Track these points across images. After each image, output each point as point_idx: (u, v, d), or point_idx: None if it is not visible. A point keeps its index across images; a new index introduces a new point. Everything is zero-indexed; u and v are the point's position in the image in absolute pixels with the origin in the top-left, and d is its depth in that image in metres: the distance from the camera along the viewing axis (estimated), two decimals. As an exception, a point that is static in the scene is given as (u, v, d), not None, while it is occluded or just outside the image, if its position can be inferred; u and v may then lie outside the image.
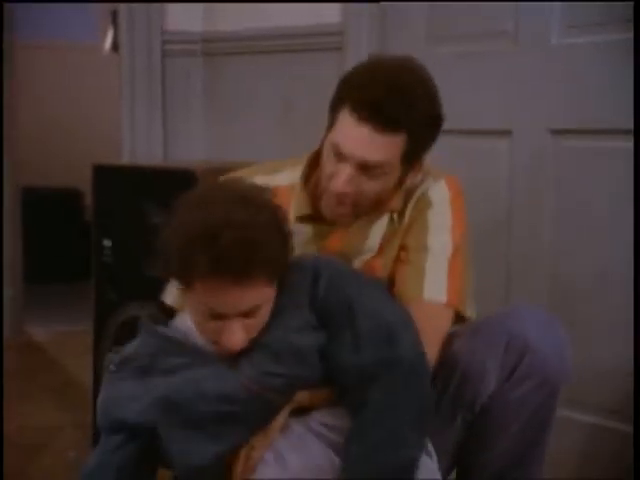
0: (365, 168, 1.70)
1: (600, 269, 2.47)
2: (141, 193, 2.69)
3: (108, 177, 2.82)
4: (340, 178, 1.71)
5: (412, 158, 1.75)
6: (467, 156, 2.69)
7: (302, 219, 1.84)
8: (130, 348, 1.65)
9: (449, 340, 1.76)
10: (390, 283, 1.81)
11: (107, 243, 2.80)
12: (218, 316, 1.48)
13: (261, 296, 1.50)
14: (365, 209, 1.80)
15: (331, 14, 2.99)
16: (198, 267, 1.43)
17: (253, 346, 1.54)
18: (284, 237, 1.52)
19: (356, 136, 1.68)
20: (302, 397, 1.57)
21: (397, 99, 1.65)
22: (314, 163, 1.87)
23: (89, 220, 3.01)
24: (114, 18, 5.76)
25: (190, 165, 2.78)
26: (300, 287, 1.57)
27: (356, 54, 2.91)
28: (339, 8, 2.98)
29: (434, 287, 1.77)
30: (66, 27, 6.04)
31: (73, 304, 4.66)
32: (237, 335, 1.50)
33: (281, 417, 1.56)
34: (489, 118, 2.68)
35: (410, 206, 1.85)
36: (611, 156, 2.41)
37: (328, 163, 1.76)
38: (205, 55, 3.36)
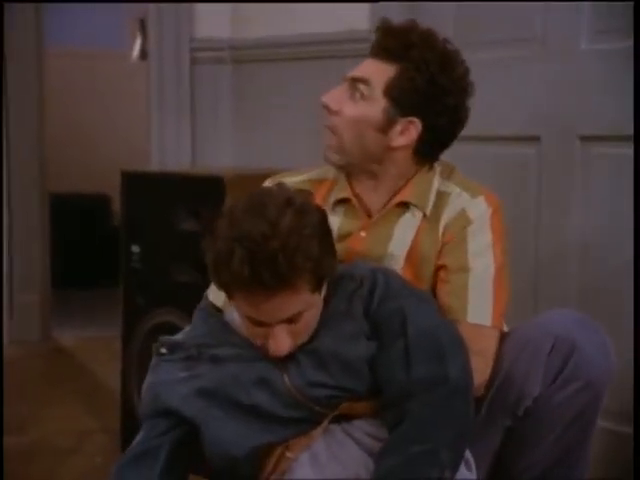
0: (353, 87, 1.80)
1: (629, 274, 2.45)
2: (169, 199, 2.70)
3: (137, 183, 2.83)
4: (333, 94, 1.83)
5: (398, 95, 1.77)
6: (495, 162, 2.68)
7: (340, 202, 1.87)
8: (182, 334, 1.67)
9: None
10: None
11: (135, 249, 2.81)
12: (261, 324, 1.50)
13: (302, 303, 1.49)
14: (347, 146, 1.81)
15: (359, 20, 2.99)
16: (235, 281, 1.44)
17: (302, 350, 1.54)
18: (327, 242, 1.52)
19: (362, 63, 1.83)
20: (346, 405, 1.57)
21: (397, 37, 1.79)
22: None
23: (117, 226, 3.02)
24: (142, 26, 5.80)
25: (218, 172, 2.78)
26: (355, 296, 1.57)
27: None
28: (367, 14, 2.98)
29: (479, 311, 1.75)
30: (95, 34, 6.07)
31: (101, 310, 4.68)
32: (282, 341, 1.50)
33: (323, 423, 1.56)
34: (518, 124, 2.67)
35: (444, 219, 1.82)
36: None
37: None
38: (233, 62, 3.37)
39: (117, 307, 2.89)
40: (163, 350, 1.64)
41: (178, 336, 1.68)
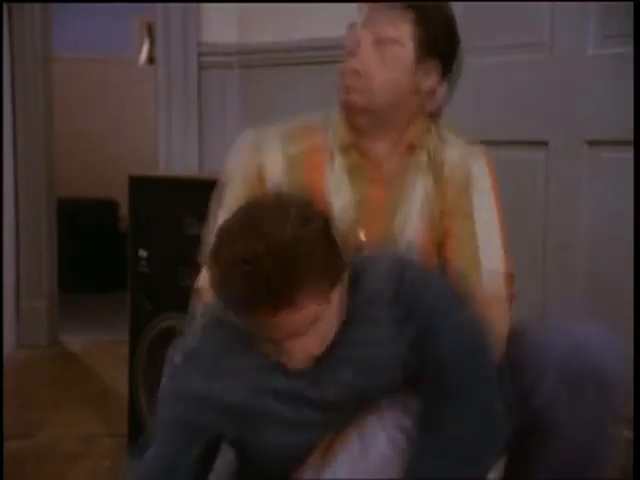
0: (379, 43, 1.76)
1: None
2: (177, 204, 2.70)
3: (144, 188, 2.84)
4: (355, 55, 1.78)
5: (425, 46, 1.77)
6: (503, 167, 2.66)
7: (346, 148, 1.84)
8: (195, 341, 1.60)
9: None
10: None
11: (143, 253, 2.81)
12: (272, 340, 1.44)
13: (309, 317, 1.42)
14: (378, 101, 1.78)
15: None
16: (235, 304, 1.40)
17: (331, 354, 1.50)
18: (332, 248, 1.43)
19: (369, 11, 1.81)
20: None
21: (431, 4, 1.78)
22: None
23: (125, 231, 3.02)
24: (150, 31, 5.82)
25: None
26: (379, 299, 1.52)
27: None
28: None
29: (490, 259, 1.76)
30: (102, 40, 6.09)
31: (109, 314, 4.69)
32: (296, 356, 1.45)
33: (359, 418, 1.53)
34: (525, 129, 2.67)
35: (447, 164, 1.83)
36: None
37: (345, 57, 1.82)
38: (241, 67, 3.38)
39: (124, 311, 2.89)
40: (177, 360, 1.59)
41: (192, 343, 1.61)
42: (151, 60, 5.56)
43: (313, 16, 3.15)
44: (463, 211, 1.80)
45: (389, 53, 1.77)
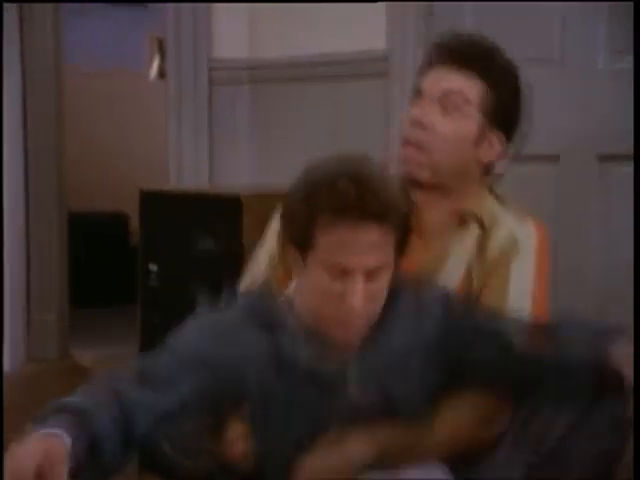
0: (445, 103, 1.74)
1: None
2: (187, 218, 2.71)
3: (155, 202, 2.85)
4: (417, 109, 1.76)
5: (492, 111, 1.76)
6: (514, 181, 2.67)
7: None
8: (227, 310, 1.65)
9: None
10: None
11: (153, 267, 2.81)
12: (342, 272, 1.46)
13: (387, 254, 1.49)
14: (442, 163, 1.76)
15: (376, 40, 3.00)
16: (338, 204, 1.44)
17: (364, 355, 1.53)
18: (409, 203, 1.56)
19: (435, 72, 1.77)
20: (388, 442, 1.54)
21: (477, 48, 1.79)
22: None
23: (135, 244, 3.03)
24: (160, 45, 5.84)
25: (235, 191, 2.79)
26: (424, 311, 1.59)
27: (402, 80, 2.92)
28: (384, 34, 2.99)
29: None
30: (113, 53, 6.11)
31: (119, 328, 4.68)
32: (361, 294, 1.47)
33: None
34: (536, 143, 2.66)
35: (495, 243, 1.80)
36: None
37: (406, 110, 1.80)
38: (251, 82, 3.38)
39: (135, 325, 2.89)
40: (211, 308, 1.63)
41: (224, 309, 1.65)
42: (162, 74, 5.58)
43: (323, 31, 3.16)
44: (497, 285, 1.77)
45: (453, 107, 1.75)
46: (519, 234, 1.81)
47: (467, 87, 1.74)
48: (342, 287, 1.47)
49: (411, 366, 1.55)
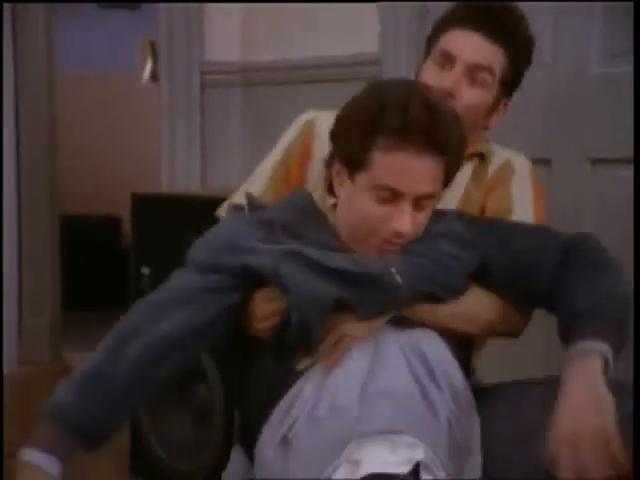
0: (472, 73, 1.77)
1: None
2: (180, 221, 2.71)
3: (147, 205, 2.84)
4: (449, 77, 1.77)
5: (508, 81, 1.82)
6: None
7: None
8: (259, 212, 1.63)
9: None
10: None
11: (145, 271, 2.81)
12: (393, 196, 1.47)
13: (438, 184, 1.50)
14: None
15: (369, 43, 3.01)
16: (408, 125, 1.43)
17: (405, 251, 1.53)
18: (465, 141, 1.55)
19: (468, 40, 1.78)
20: (418, 310, 1.54)
21: (509, 18, 1.79)
22: None
23: (128, 248, 3.02)
24: (153, 48, 5.84)
25: (228, 194, 2.78)
26: (448, 220, 1.61)
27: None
28: (377, 37, 2.99)
29: None
30: (106, 57, 6.11)
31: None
32: (408, 220, 1.48)
33: (386, 316, 1.50)
34: (528, 147, 2.67)
35: (492, 168, 1.87)
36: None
37: (433, 73, 1.80)
38: (244, 85, 3.38)
39: (127, 329, 2.88)
40: (241, 209, 1.62)
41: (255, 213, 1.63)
42: (154, 77, 5.58)
43: (316, 34, 3.16)
44: (500, 207, 1.82)
45: (479, 80, 1.79)
46: (514, 161, 1.90)
47: (495, 62, 1.79)
48: (390, 211, 1.48)
49: (450, 253, 1.55)
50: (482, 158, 1.87)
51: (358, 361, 1.42)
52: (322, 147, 1.75)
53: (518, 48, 1.80)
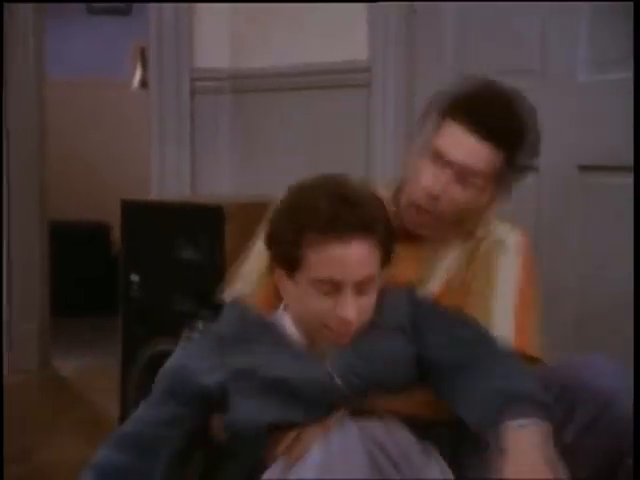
0: (463, 176, 1.75)
1: (628, 305, 2.44)
2: (169, 228, 2.71)
3: (136, 212, 2.84)
4: (438, 180, 1.76)
5: (504, 180, 1.80)
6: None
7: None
8: (214, 326, 1.69)
9: None
10: None
11: (135, 278, 2.81)
12: (333, 287, 1.52)
13: (375, 266, 1.55)
14: (445, 224, 1.82)
15: (358, 51, 3.01)
16: (324, 223, 1.49)
17: (357, 344, 1.58)
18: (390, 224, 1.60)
19: (462, 142, 1.75)
20: (367, 402, 1.58)
21: (508, 119, 1.76)
22: (402, 187, 1.91)
23: (117, 255, 3.02)
24: (142, 55, 5.83)
25: (218, 200, 2.79)
26: (395, 303, 1.64)
27: (383, 90, 2.93)
28: (366, 45, 3.00)
29: (501, 333, 1.75)
30: (96, 63, 6.10)
31: (100, 338, 4.66)
32: (352, 306, 1.53)
33: (339, 414, 1.55)
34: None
35: (484, 245, 1.87)
36: (640, 192, 2.41)
37: (424, 169, 1.79)
38: (233, 92, 3.39)
39: (116, 335, 2.88)
40: (195, 335, 1.70)
41: (210, 326, 1.70)
42: (144, 84, 5.57)
43: (305, 41, 3.16)
44: (482, 289, 1.82)
45: (470, 184, 1.77)
46: (507, 238, 1.89)
47: (489, 164, 1.76)
48: (334, 301, 1.53)
49: (392, 350, 1.60)
50: (476, 238, 1.88)
51: (315, 456, 1.47)
52: None
53: (518, 148, 1.78)
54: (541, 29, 2.59)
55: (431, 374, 1.61)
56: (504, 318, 1.79)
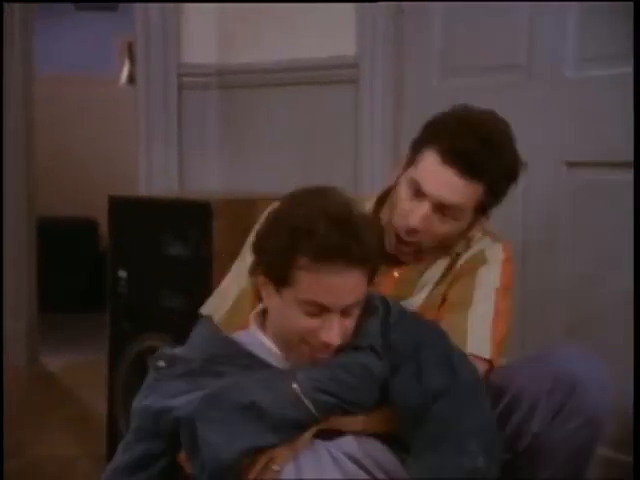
0: (441, 209, 1.76)
1: (616, 302, 2.45)
2: (157, 224, 2.70)
3: (124, 208, 2.83)
4: (415, 214, 1.76)
5: (485, 208, 1.81)
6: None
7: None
8: (181, 349, 1.66)
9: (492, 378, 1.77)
10: None
11: (122, 274, 2.80)
12: (319, 310, 1.51)
13: (362, 292, 1.54)
14: (427, 250, 1.84)
15: (346, 47, 3.01)
16: (320, 249, 1.46)
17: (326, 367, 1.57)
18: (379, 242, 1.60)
19: (439, 177, 1.74)
20: (337, 419, 1.58)
21: (486, 151, 1.72)
22: (382, 201, 1.92)
23: (105, 251, 3.01)
24: (130, 50, 5.82)
25: (205, 197, 2.78)
26: (371, 319, 1.62)
27: (371, 86, 2.93)
28: (354, 42, 3.00)
29: (477, 345, 1.77)
30: (83, 59, 6.08)
31: (89, 334, 4.66)
32: (338, 330, 1.52)
33: (308, 434, 1.55)
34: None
35: (464, 258, 1.88)
36: (626, 188, 2.41)
37: (404, 199, 1.79)
38: (220, 88, 3.38)
39: (104, 332, 2.88)
40: (161, 364, 1.63)
41: (176, 350, 1.66)
42: (132, 80, 5.56)
43: (293, 37, 3.16)
44: (461, 301, 1.82)
45: (449, 216, 1.78)
46: (488, 251, 1.89)
47: (468, 197, 1.76)
48: (318, 323, 1.52)
49: (363, 373, 1.58)
50: (457, 254, 1.89)
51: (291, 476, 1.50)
52: None
53: (497, 179, 1.77)
54: (528, 25, 2.60)
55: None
56: (480, 328, 1.79)
